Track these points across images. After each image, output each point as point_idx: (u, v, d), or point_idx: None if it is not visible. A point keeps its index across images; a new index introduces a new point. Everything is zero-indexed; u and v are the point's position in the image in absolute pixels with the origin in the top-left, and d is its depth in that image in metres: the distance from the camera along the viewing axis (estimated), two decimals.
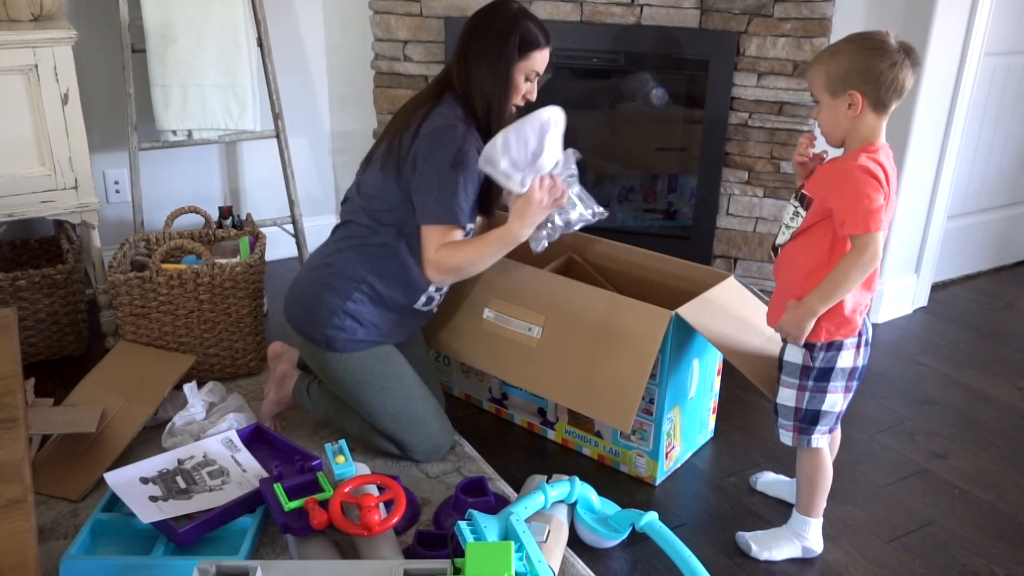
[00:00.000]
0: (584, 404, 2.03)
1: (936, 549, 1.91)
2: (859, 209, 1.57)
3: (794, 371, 1.75)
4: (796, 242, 1.71)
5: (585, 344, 2.03)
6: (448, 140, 1.94)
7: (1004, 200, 3.34)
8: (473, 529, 1.62)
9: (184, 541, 1.72)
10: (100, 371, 2.31)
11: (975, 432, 2.35)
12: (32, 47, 2.27)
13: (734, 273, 2.95)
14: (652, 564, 1.82)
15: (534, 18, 2.00)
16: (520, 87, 2.02)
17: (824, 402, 1.75)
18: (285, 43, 3.08)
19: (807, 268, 1.68)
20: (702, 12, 2.71)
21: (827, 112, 1.64)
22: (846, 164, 1.61)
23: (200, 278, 2.34)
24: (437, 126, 1.96)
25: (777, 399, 1.80)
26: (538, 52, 1.99)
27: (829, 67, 1.60)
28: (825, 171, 1.68)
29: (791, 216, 1.72)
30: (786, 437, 1.80)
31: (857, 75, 1.57)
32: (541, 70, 2.02)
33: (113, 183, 2.97)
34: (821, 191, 1.64)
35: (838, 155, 1.68)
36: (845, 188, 1.58)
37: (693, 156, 2.97)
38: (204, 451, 1.99)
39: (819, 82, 1.62)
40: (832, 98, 1.61)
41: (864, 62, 1.56)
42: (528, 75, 2.01)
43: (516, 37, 1.96)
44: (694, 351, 2.06)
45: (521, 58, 1.98)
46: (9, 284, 2.42)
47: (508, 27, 1.97)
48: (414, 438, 2.07)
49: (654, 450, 2.05)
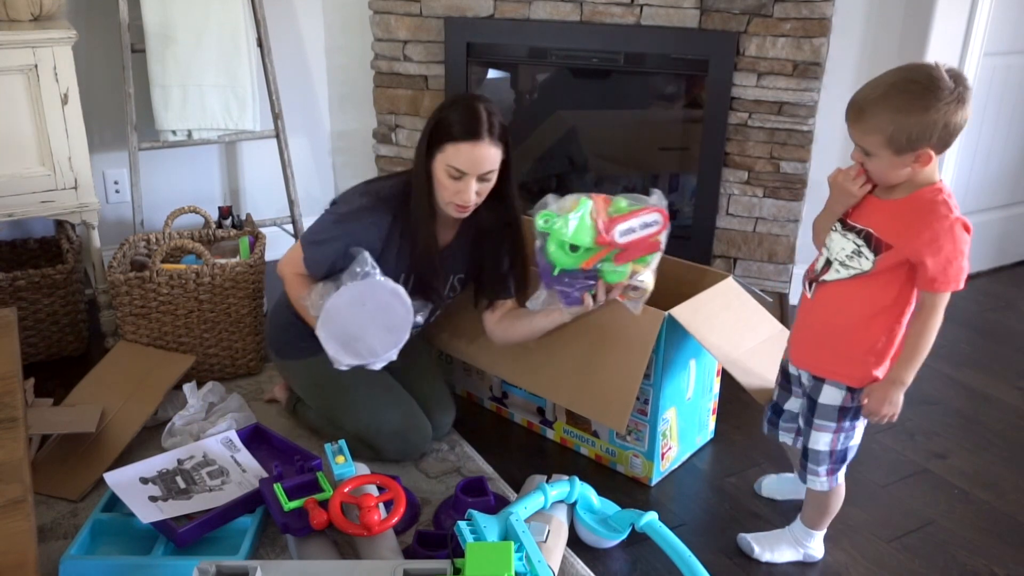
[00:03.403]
0: (580, 404, 2.03)
1: (936, 549, 1.91)
2: (953, 269, 1.49)
3: (831, 414, 1.66)
4: (854, 283, 1.59)
5: (581, 344, 2.03)
6: (353, 198, 1.96)
7: (1004, 200, 3.34)
8: (473, 529, 1.62)
9: (184, 541, 1.72)
10: (100, 371, 2.31)
11: (975, 432, 2.35)
12: (32, 47, 2.27)
13: (733, 273, 2.95)
14: (652, 564, 1.82)
15: (468, 108, 1.84)
16: (445, 184, 1.86)
17: (853, 438, 1.70)
18: (285, 43, 3.08)
19: (867, 314, 1.59)
20: (702, 12, 2.70)
21: (885, 165, 1.51)
22: (934, 214, 1.49)
23: (200, 278, 2.34)
24: (364, 189, 1.99)
25: (809, 444, 1.70)
26: (453, 146, 1.82)
27: (894, 126, 1.45)
28: (897, 212, 1.54)
29: (849, 255, 1.58)
30: (818, 483, 1.72)
31: (929, 134, 1.45)
32: (463, 167, 1.83)
33: (113, 183, 2.97)
34: (902, 238, 1.52)
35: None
36: (943, 244, 1.48)
37: (694, 156, 2.97)
38: (204, 451, 1.99)
39: (877, 140, 1.48)
40: (896, 155, 1.48)
41: (935, 118, 1.43)
42: (449, 171, 1.85)
43: (430, 126, 1.87)
44: (690, 352, 2.06)
45: (436, 151, 1.85)
46: (9, 284, 2.42)
47: (432, 116, 1.89)
48: (378, 440, 2.07)
49: (649, 451, 2.05)
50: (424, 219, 1.93)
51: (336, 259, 1.92)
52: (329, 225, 1.96)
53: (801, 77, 2.68)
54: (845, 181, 1.58)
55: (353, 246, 1.87)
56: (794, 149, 2.76)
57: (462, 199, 1.87)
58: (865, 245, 1.57)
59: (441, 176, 1.87)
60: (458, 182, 1.86)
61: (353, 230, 1.92)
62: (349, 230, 1.92)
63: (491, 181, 1.90)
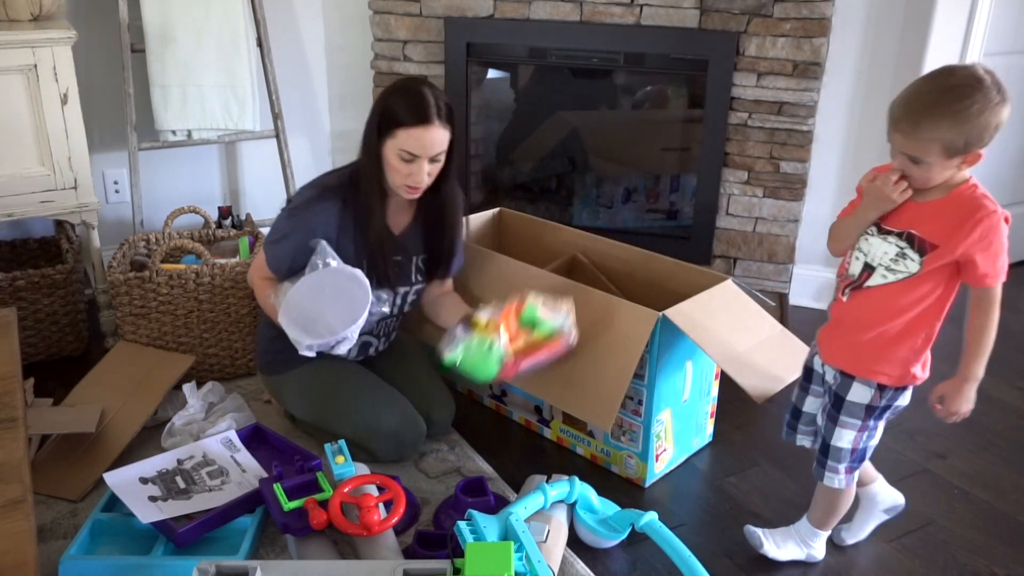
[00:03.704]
0: (567, 401, 2.02)
1: (936, 549, 1.91)
2: (1000, 262, 1.51)
3: (858, 411, 1.66)
4: (901, 285, 1.58)
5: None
6: (303, 194, 2.00)
7: (1004, 200, 3.31)
8: (473, 529, 1.62)
9: (184, 541, 1.72)
10: (100, 371, 2.31)
11: (975, 432, 2.35)
12: (31, 47, 2.27)
13: (733, 273, 2.95)
14: (652, 564, 1.82)
15: (415, 94, 1.90)
16: (397, 167, 1.92)
17: (875, 437, 1.71)
18: (285, 43, 3.08)
19: (911, 314, 1.59)
20: (702, 12, 2.70)
21: (934, 170, 1.50)
22: (982, 210, 1.49)
23: (200, 278, 2.34)
24: (311, 183, 2.02)
25: (831, 441, 1.70)
26: (404, 130, 1.88)
27: (953, 133, 1.44)
28: (939, 213, 1.53)
29: (894, 258, 1.57)
30: (836, 480, 1.71)
31: (985, 136, 1.46)
32: (416, 151, 1.89)
33: (113, 183, 2.97)
34: (950, 238, 1.51)
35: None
36: (992, 240, 1.50)
37: (694, 156, 2.97)
38: (203, 451, 1.99)
39: (935, 148, 1.46)
40: (947, 159, 1.48)
41: (989, 120, 1.44)
42: (401, 155, 1.90)
43: (378, 113, 1.93)
44: (686, 353, 2.05)
45: (387, 137, 1.91)
46: (9, 284, 2.42)
47: (379, 103, 1.94)
48: (374, 442, 2.07)
49: (643, 452, 2.05)
50: (375, 203, 1.98)
51: (296, 253, 1.95)
52: (283, 223, 2.00)
53: (801, 77, 2.68)
54: (884, 187, 1.55)
55: (309, 237, 1.92)
56: (794, 149, 2.76)
57: (414, 181, 1.93)
58: (908, 247, 1.56)
59: (393, 160, 1.92)
60: (411, 165, 1.91)
61: (306, 221, 1.95)
62: (302, 221, 1.96)
63: (441, 162, 1.96)
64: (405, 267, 2.10)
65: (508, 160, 3.30)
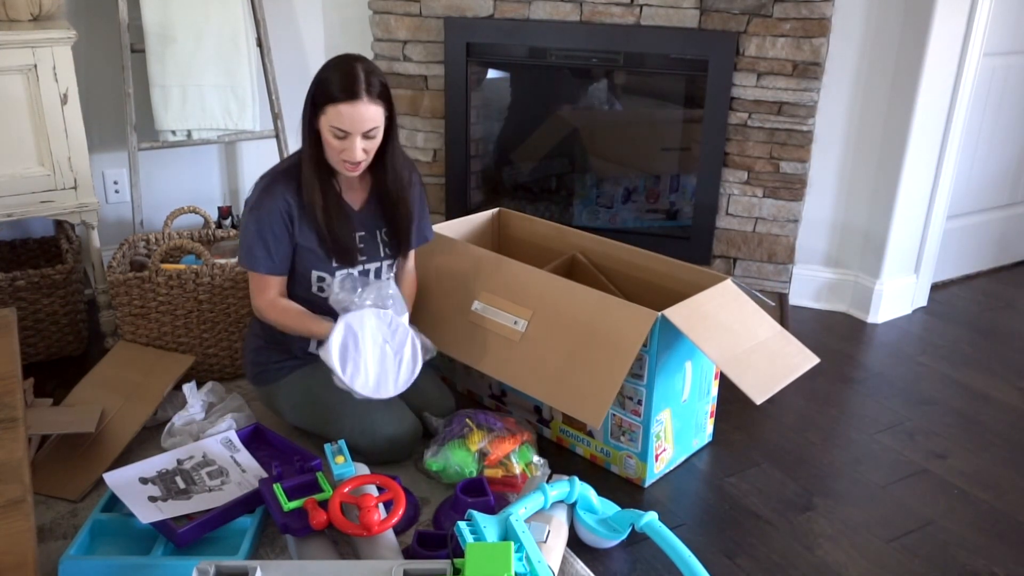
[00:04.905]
0: (556, 398, 2.02)
1: (936, 549, 1.91)
2: None
3: None
4: None
5: (567, 340, 2.02)
6: (256, 188, 2.02)
7: (1004, 200, 3.34)
8: (473, 529, 1.62)
9: (183, 541, 1.72)
10: (99, 371, 2.31)
11: (975, 432, 2.35)
12: (31, 47, 2.27)
13: (733, 273, 2.95)
14: (652, 564, 1.82)
15: (345, 69, 1.90)
16: (332, 144, 1.93)
17: None
18: (285, 43, 3.08)
19: None
20: (701, 12, 2.71)
21: None
22: None
23: (199, 278, 2.34)
24: (264, 174, 2.04)
25: None
26: (333, 107, 1.88)
27: None
28: None
29: None
30: None
31: None
32: (346, 127, 1.89)
33: (112, 183, 2.97)
34: None
35: None
36: None
37: (694, 156, 2.97)
38: (203, 451, 1.99)
39: None
40: None
41: None
42: (333, 131, 1.91)
43: (312, 90, 1.95)
44: (685, 354, 2.05)
45: (319, 113, 1.92)
46: (8, 284, 2.42)
47: (314, 79, 1.96)
48: (371, 445, 2.06)
49: (643, 452, 2.05)
50: (322, 180, 1.99)
51: (276, 245, 1.98)
52: (247, 224, 2.00)
53: (801, 77, 2.68)
54: None
55: (274, 227, 1.96)
56: (794, 149, 2.77)
57: (348, 156, 1.93)
58: None
59: (327, 136, 1.93)
60: (343, 141, 1.92)
61: (267, 209, 1.97)
62: (264, 212, 1.97)
63: (377, 138, 1.96)
64: (370, 242, 2.11)
65: (508, 160, 3.30)
